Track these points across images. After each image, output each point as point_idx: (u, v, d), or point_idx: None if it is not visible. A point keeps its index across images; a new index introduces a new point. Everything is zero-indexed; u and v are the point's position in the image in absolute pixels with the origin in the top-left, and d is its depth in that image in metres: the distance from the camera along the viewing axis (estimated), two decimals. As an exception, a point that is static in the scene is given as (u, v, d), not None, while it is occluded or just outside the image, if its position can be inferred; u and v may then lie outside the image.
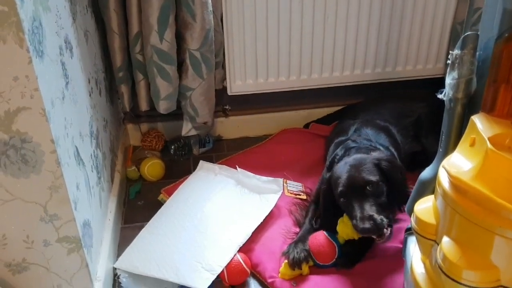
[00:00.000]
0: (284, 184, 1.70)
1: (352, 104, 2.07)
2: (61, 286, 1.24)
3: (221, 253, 1.41)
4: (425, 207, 0.96)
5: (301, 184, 1.75)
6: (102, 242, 1.42)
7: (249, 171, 1.72)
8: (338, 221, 1.43)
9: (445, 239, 0.86)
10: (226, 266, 1.38)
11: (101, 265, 1.35)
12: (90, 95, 1.45)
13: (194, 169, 1.81)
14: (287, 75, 1.94)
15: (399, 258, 1.37)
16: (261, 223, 1.53)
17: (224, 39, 1.82)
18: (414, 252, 1.01)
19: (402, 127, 1.76)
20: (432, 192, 0.97)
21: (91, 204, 1.33)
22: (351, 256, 1.42)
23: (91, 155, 1.39)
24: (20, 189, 1.08)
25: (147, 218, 1.59)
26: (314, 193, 1.65)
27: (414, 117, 1.81)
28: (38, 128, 1.02)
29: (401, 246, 1.34)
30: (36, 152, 1.04)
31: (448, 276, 0.82)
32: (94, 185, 1.39)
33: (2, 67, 0.95)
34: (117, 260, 1.46)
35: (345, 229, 1.40)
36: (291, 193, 1.68)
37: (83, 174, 1.28)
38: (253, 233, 1.50)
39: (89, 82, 1.45)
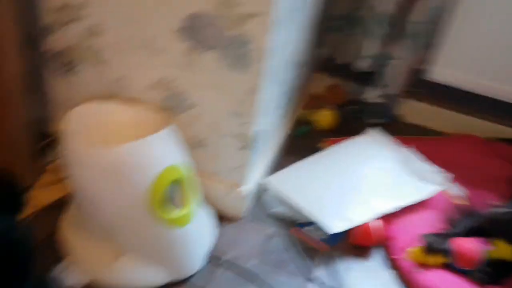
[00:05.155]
0: (449, 182, 1.65)
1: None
2: (220, 173, 1.40)
3: (362, 212, 1.45)
4: None
5: (464, 190, 1.67)
6: (264, 157, 1.55)
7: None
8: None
9: None
10: (358, 226, 1.42)
11: (255, 173, 1.48)
12: (307, 30, 1.56)
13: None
14: (502, 81, 1.79)
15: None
16: (410, 205, 1.52)
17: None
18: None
19: None
20: None
21: (271, 119, 1.45)
22: (493, 273, 1.33)
23: (288, 81, 1.50)
24: (227, 80, 1.22)
25: (304, 158, 1.67)
26: (495, 209, 1.51)
27: None
28: (262, 35, 1.12)
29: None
30: (252, 56, 1.16)
31: None
32: (279, 106, 1.51)
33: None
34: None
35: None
36: (451, 193, 1.63)
37: (277, 92, 1.39)
38: (399, 210, 1.50)
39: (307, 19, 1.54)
